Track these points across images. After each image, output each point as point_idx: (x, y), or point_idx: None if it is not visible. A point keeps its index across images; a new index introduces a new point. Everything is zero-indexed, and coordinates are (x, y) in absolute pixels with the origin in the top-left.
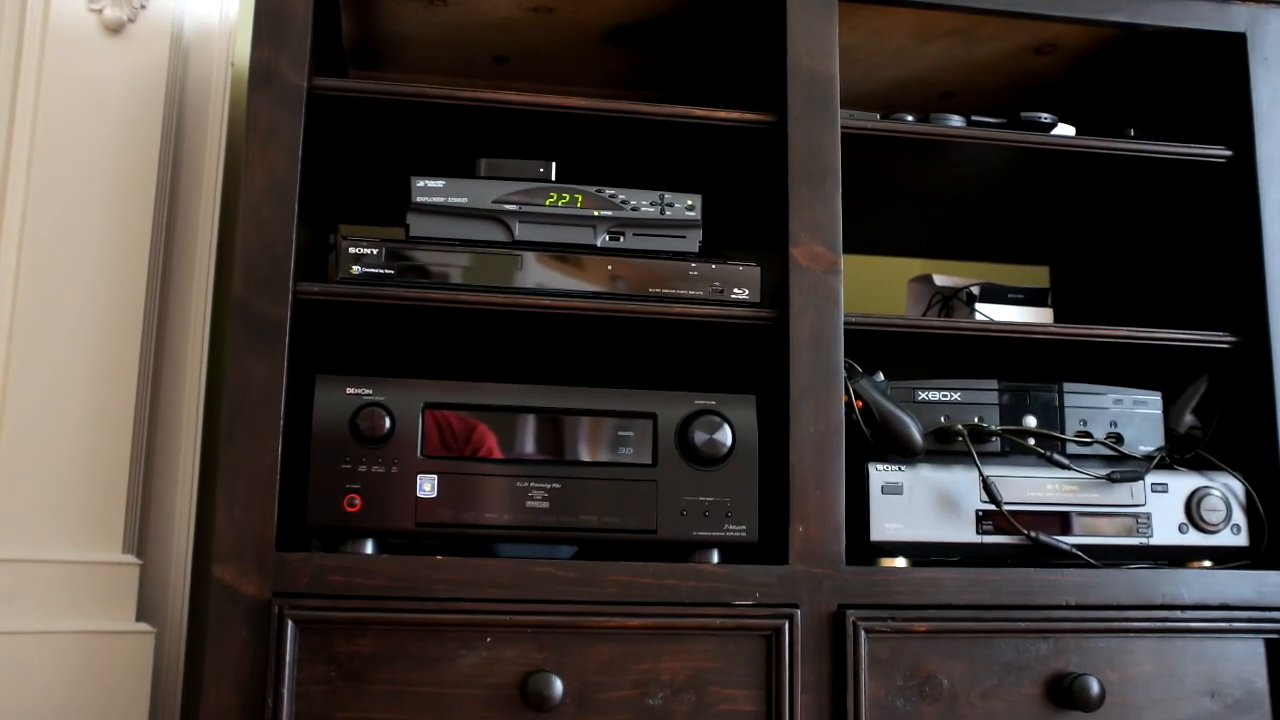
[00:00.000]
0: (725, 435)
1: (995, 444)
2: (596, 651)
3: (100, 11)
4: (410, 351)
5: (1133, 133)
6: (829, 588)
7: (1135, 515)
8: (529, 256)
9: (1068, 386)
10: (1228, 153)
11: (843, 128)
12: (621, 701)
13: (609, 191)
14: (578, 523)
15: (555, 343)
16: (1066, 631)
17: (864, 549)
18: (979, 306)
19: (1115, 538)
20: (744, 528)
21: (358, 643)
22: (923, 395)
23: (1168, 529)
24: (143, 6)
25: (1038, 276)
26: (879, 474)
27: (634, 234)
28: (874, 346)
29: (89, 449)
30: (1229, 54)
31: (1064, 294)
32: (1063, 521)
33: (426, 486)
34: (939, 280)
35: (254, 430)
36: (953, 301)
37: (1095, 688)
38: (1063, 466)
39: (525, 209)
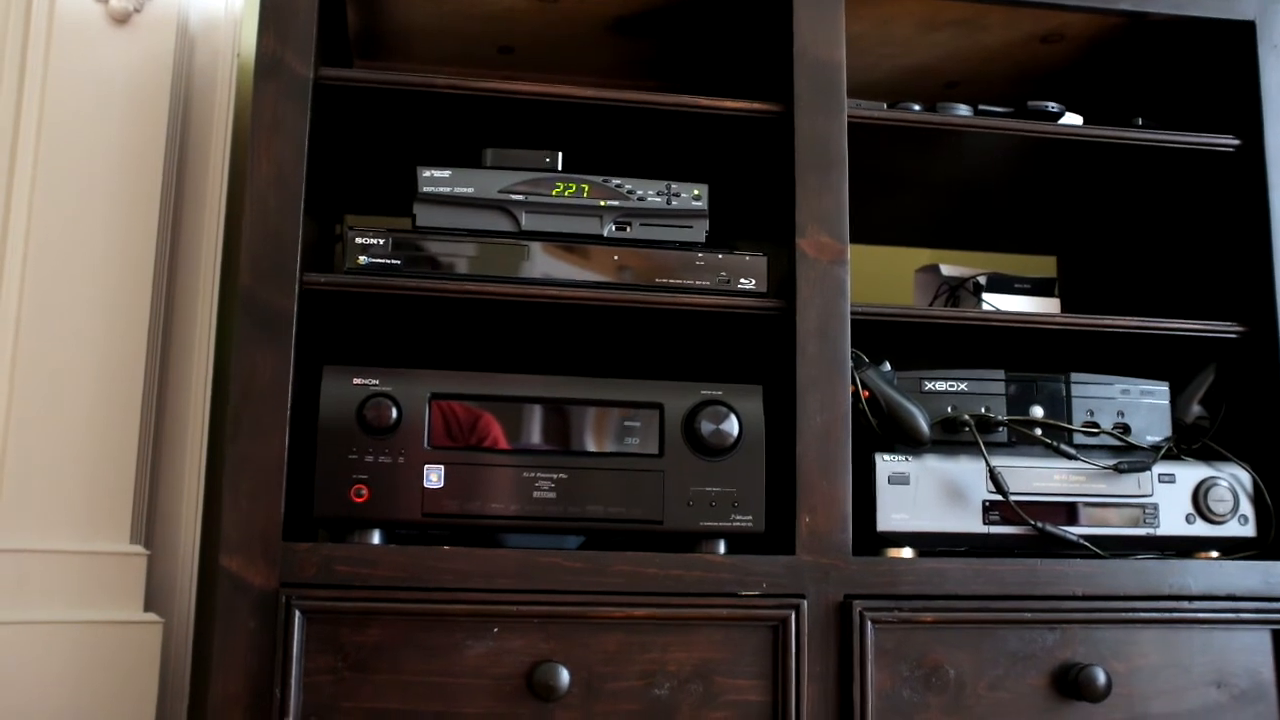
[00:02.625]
0: (732, 425)
1: (1002, 434)
2: (603, 641)
3: (106, 2)
4: (417, 342)
5: (1140, 122)
6: (835, 578)
7: (1142, 506)
8: (535, 246)
9: (1075, 376)
10: (1236, 142)
11: (849, 117)
12: (628, 691)
13: (615, 181)
14: (584, 513)
15: (562, 333)
16: (1073, 622)
17: (870, 539)
18: (986, 296)
19: (1122, 528)
20: (750, 518)
21: (365, 633)
22: (929, 385)
23: (1175, 519)
24: None
25: (1045, 266)
26: (886, 464)
27: (640, 224)
28: (881, 337)
29: (96, 439)
30: (1237, 42)
31: (1071, 284)
32: (1069, 512)
33: (433, 477)
34: (946, 270)
35: (261, 421)
36: (959, 291)
37: (1102, 678)
38: (1069, 457)
39: (532, 199)
